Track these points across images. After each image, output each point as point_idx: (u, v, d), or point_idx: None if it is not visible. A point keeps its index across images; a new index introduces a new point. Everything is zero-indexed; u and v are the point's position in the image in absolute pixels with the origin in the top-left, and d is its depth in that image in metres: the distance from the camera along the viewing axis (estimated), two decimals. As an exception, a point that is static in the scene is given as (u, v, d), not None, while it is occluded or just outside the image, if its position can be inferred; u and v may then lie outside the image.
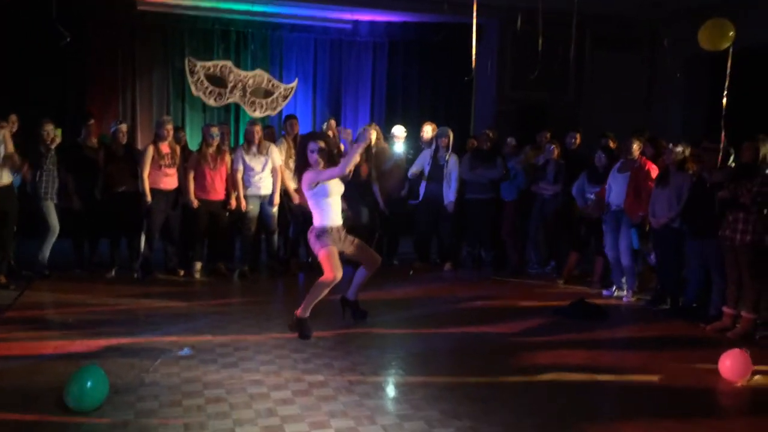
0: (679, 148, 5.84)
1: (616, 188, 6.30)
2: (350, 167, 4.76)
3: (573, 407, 3.63)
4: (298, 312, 4.74)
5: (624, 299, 6.33)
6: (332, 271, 4.70)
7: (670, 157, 5.88)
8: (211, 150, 6.73)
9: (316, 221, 4.88)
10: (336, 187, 4.89)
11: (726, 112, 5.59)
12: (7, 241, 6.00)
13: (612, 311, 5.87)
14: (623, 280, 6.43)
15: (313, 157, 4.83)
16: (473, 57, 9.51)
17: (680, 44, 9.07)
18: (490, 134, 7.77)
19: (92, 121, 6.91)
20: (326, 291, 4.75)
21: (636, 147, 6.30)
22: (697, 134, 7.24)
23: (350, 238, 5.02)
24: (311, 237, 4.89)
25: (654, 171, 6.15)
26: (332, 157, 4.87)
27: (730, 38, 5.65)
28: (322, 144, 4.85)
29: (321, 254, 4.78)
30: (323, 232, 4.81)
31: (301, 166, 4.97)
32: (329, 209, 4.86)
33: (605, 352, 4.84)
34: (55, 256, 6.72)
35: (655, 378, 4.16)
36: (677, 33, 9.49)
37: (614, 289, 6.52)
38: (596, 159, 6.73)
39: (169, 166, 6.60)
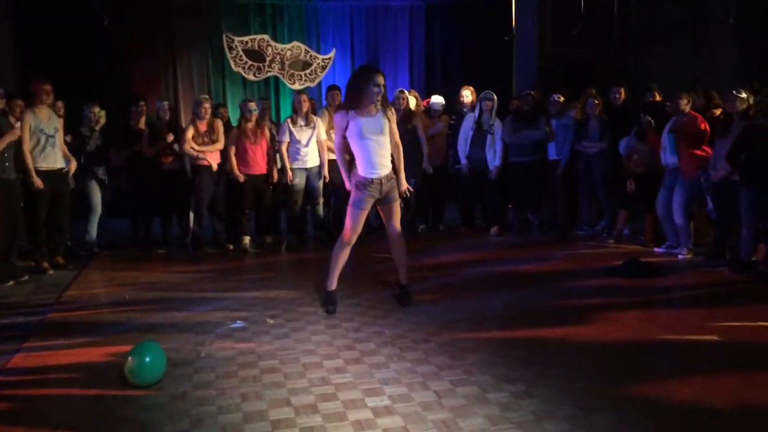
0: (743, 95, 5.56)
1: (670, 147, 6.09)
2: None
3: (627, 368, 3.57)
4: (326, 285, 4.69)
5: (679, 256, 6.16)
6: (347, 230, 4.52)
7: (734, 104, 5.59)
8: (250, 125, 6.77)
9: (356, 168, 4.52)
10: (371, 126, 4.40)
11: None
12: (63, 222, 6.18)
13: (667, 269, 5.73)
14: (677, 236, 6.26)
15: (376, 91, 4.32)
16: (513, 16, 9.30)
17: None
18: (533, 94, 7.59)
19: (143, 103, 6.99)
20: (343, 254, 4.60)
21: (684, 102, 6.06)
22: (751, 80, 6.92)
23: (393, 195, 4.59)
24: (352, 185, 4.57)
25: (702, 123, 5.92)
26: (385, 101, 4.48)
27: None
28: (383, 80, 4.37)
29: (348, 210, 4.56)
30: (359, 184, 4.47)
31: (353, 98, 4.40)
32: (364, 154, 4.43)
33: (660, 311, 4.74)
34: (109, 236, 6.95)
35: (712, 336, 4.05)
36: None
37: (667, 245, 6.37)
38: (642, 117, 6.52)
39: (206, 144, 6.66)
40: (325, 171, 6.95)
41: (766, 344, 3.93)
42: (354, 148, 4.51)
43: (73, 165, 6.24)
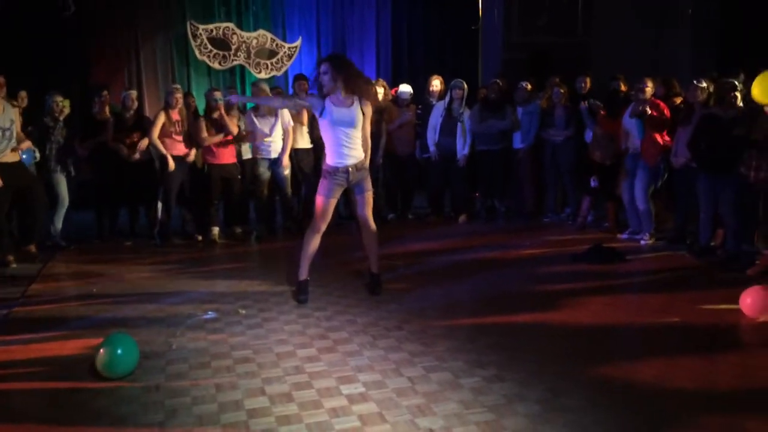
0: (704, 84, 5.71)
1: (636, 132, 6.22)
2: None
3: (595, 351, 3.67)
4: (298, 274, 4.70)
5: (642, 242, 6.32)
6: (316, 219, 4.57)
7: (694, 94, 5.74)
8: (216, 114, 6.68)
9: (326, 156, 4.58)
10: (342, 116, 4.42)
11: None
12: (38, 210, 6.03)
13: (630, 254, 5.88)
14: (640, 222, 6.42)
15: (324, 78, 4.39)
16: (480, 5, 9.35)
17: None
18: (500, 83, 7.66)
19: (105, 92, 6.87)
20: (312, 243, 4.61)
21: (649, 89, 6.16)
22: (708, 69, 7.10)
23: (364, 185, 4.61)
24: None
25: (666, 109, 6.05)
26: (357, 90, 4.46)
27: None
28: (326, 67, 4.40)
29: (316, 199, 4.60)
30: (326, 173, 4.54)
31: (318, 88, 4.51)
32: (332, 143, 4.49)
33: (624, 295, 4.88)
34: (76, 228, 6.82)
35: (674, 319, 4.18)
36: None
37: (630, 231, 6.52)
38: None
39: (179, 134, 6.59)
40: (285, 157, 6.81)
41: (728, 327, 4.08)
42: (324, 135, 4.56)
43: (26, 144, 6.00)
